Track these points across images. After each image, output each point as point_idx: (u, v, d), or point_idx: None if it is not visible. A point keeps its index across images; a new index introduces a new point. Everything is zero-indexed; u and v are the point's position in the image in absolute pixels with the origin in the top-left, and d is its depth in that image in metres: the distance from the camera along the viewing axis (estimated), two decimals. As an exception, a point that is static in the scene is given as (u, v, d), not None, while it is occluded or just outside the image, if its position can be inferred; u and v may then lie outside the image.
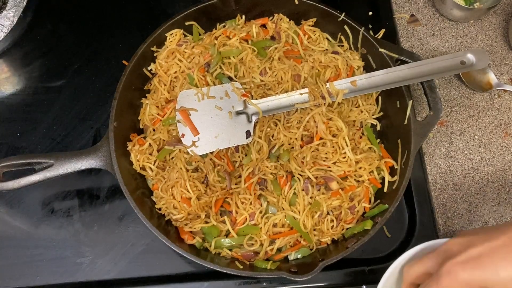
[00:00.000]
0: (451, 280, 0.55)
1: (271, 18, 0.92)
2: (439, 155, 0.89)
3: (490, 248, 0.54)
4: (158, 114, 0.84)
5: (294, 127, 0.81)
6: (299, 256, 0.77)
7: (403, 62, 0.83)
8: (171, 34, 0.88)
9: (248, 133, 0.80)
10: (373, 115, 0.87)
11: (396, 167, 0.80)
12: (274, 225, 0.78)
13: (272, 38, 0.90)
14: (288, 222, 0.77)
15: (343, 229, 0.79)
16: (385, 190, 0.80)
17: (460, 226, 0.84)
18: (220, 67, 0.85)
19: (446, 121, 0.92)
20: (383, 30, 0.94)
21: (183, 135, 0.80)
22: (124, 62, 0.86)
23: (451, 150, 0.90)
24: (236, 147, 0.81)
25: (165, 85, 0.86)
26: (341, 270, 0.80)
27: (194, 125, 0.80)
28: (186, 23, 0.88)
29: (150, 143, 0.82)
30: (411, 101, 0.80)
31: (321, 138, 0.80)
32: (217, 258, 0.76)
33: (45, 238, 0.84)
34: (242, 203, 0.78)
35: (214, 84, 0.85)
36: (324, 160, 0.79)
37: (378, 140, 0.85)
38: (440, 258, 0.58)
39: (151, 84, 0.88)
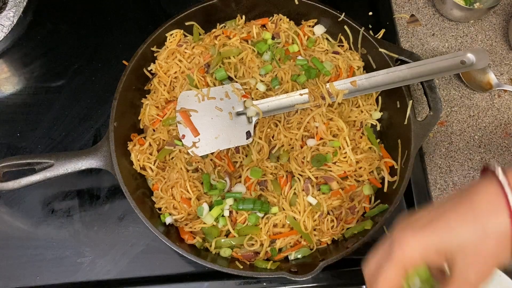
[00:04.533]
0: (403, 250, 0.49)
1: (271, 18, 0.92)
2: (439, 155, 0.89)
3: (439, 213, 0.50)
4: (157, 114, 0.84)
5: (295, 127, 0.81)
6: (299, 256, 0.77)
7: (403, 62, 0.84)
8: (171, 34, 0.88)
9: (248, 134, 0.81)
10: (371, 114, 0.87)
11: (396, 167, 0.80)
12: (275, 225, 0.78)
13: (272, 38, 0.90)
14: (288, 222, 0.77)
15: (343, 229, 0.79)
16: (385, 190, 0.80)
17: (460, 226, 0.84)
18: (220, 67, 0.85)
19: (446, 121, 0.92)
20: (383, 30, 0.94)
21: (183, 136, 0.80)
22: (124, 62, 0.86)
23: (451, 150, 0.90)
24: (237, 148, 0.81)
25: (165, 85, 0.86)
26: (341, 270, 0.80)
27: (195, 126, 0.81)
28: (186, 23, 0.88)
29: (150, 143, 0.82)
30: (411, 101, 0.80)
31: (321, 139, 0.80)
32: (217, 258, 0.76)
33: (45, 238, 0.84)
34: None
35: (214, 85, 0.85)
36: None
37: (378, 140, 0.85)
38: (388, 243, 0.53)
39: (151, 85, 0.88)
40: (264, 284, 0.79)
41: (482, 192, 0.49)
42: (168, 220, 0.78)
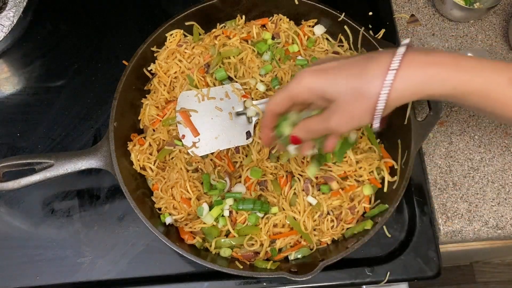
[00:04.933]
0: (297, 83, 0.58)
1: (271, 18, 0.92)
2: (439, 155, 0.89)
3: (340, 64, 0.57)
4: (157, 114, 0.84)
5: (294, 127, 0.81)
6: (299, 256, 0.77)
7: (403, 62, 0.83)
8: (171, 35, 0.88)
9: (248, 134, 0.81)
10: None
11: (396, 167, 0.80)
12: (275, 225, 0.78)
13: (272, 38, 0.90)
14: (288, 222, 0.77)
15: (343, 229, 0.79)
16: (385, 190, 0.80)
17: (460, 226, 0.84)
18: (220, 67, 0.85)
19: (446, 121, 0.92)
20: (383, 30, 0.94)
21: (183, 136, 0.80)
22: (124, 62, 0.86)
23: (451, 150, 0.90)
24: (237, 148, 0.81)
25: (165, 85, 0.86)
26: (341, 270, 0.80)
27: (195, 126, 0.81)
28: (186, 23, 0.88)
29: (150, 143, 0.82)
30: (411, 101, 0.80)
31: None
32: (217, 258, 0.76)
33: (45, 238, 0.84)
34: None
35: (214, 85, 0.85)
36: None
37: (378, 140, 0.85)
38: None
39: (151, 85, 0.88)
40: (264, 284, 0.79)
41: (378, 59, 0.55)
42: (168, 220, 0.78)
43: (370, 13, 1.00)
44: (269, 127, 0.65)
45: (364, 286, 0.81)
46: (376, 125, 0.57)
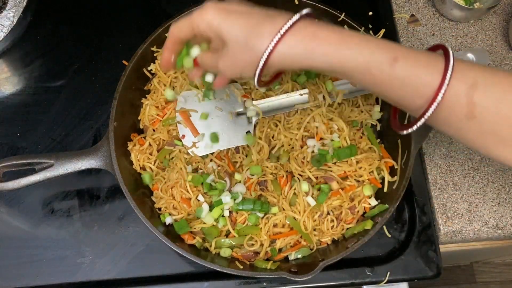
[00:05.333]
0: (200, 14, 0.58)
1: (271, 18, 0.92)
2: (439, 155, 0.89)
3: (244, 10, 0.57)
4: (157, 115, 0.84)
5: (295, 128, 0.81)
6: (299, 256, 0.77)
7: (403, 62, 0.83)
8: (171, 34, 0.88)
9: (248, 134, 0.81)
10: (371, 114, 0.87)
11: (396, 167, 0.80)
12: (275, 226, 0.78)
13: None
14: (288, 222, 0.77)
15: (343, 229, 0.79)
16: (385, 190, 0.80)
17: (460, 226, 0.84)
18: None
19: (446, 121, 0.92)
20: (383, 30, 0.94)
21: (183, 136, 0.80)
22: (124, 62, 0.86)
23: (451, 150, 0.90)
24: (237, 148, 0.81)
25: (165, 85, 0.86)
26: (341, 270, 0.80)
27: (195, 126, 0.81)
28: (186, 23, 0.88)
29: (150, 143, 0.82)
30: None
31: (321, 138, 0.80)
32: (217, 258, 0.76)
33: (45, 238, 0.84)
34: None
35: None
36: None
37: (378, 140, 0.85)
38: None
39: (151, 85, 0.88)
40: (264, 284, 0.79)
41: (274, 20, 0.55)
42: (168, 220, 0.78)
43: (370, 13, 1.00)
44: (169, 49, 0.65)
45: (364, 286, 0.81)
46: (255, 82, 0.58)
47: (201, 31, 0.59)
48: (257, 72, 0.56)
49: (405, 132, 0.58)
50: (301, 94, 0.81)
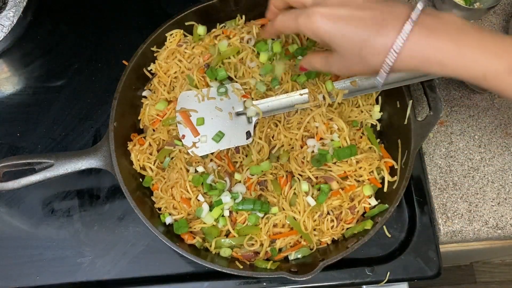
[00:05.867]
0: (306, 24, 0.56)
1: (271, 18, 0.92)
2: (439, 155, 0.89)
3: (353, 14, 0.55)
4: (157, 115, 0.84)
5: (295, 127, 0.81)
6: (299, 256, 0.77)
7: (403, 62, 0.83)
8: (171, 35, 0.88)
9: (248, 134, 0.81)
10: (371, 114, 0.87)
11: (396, 167, 0.80)
12: (275, 225, 0.78)
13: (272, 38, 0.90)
14: (288, 222, 0.77)
15: (343, 229, 0.79)
16: (385, 190, 0.80)
17: (460, 226, 0.84)
18: (220, 67, 0.85)
19: (446, 121, 0.92)
20: (383, 30, 0.94)
21: (183, 136, 0.80)
22: (124, 62, 0.86)
23: (451, 150, 0.90)
24: (237, 148, 0.81)
25: (165, 85, 0.86)
26: (341, 270, 0.80)
27: (195, 126, 0.81)
28: (186, 23, 0.88)
29: (150, 143, 0.82)
30: (411, 101, 0.80)
31: (321, 138, 0.80)
32: (217, 258, 0.76)
33: (45, 238, 0.84)
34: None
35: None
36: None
37: (378, 140, 0.85)
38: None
39: (151, 85, 0.88)
40: (264, 284, 0.79)
41: (394, 12, 0.54)
42: (168, 220, 0.78)
43: (370, 13, 1.00)
44: (272, 33, 0.68)
45: (364, 286, 0.81)
46: (381, 80, 0.57)
47: (309, 37, 0.60)
48: (387, 69, 0.55)
49: None
50: (301, 94, 0.81)
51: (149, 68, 0.88)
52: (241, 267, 0.74)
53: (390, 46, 0.53)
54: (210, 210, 0.77)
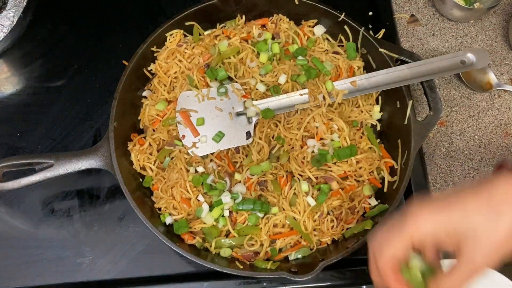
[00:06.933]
0: (418, 225, 0.50)
1: (271, 18, 0.92)
2: (439, 155, 0.89)
3: (457, 198, 0.52)
4: (157, 115, 0.84)
5: (295, 128, 0.81)
6: (299, 256, 0.77)
7: (403, 62, 0.84)
8: (171, 35, 0.88)
9: (248, 134, 0.81)
10: (371, 114, 0.87)
11: (396, 167, 0.80)
12: (275, 226, 0.78)
13: (272, 38, 0.90)
14: (288, 222, 0.77)
15: (343, 229, 0.79)
16: (385, 190, 0.80)
17: (460, 226, 0.84)
18: (220, 67, 0.85)
19: (446, 121, 0.92)
20: (383, 30, 0.94)
21: (183, 136, 0.80)
22: (124, 62, 0.86)
23: (451, 150, 0.90)
24: (237, 148, 0.81)
25: (165, 85, 0.86)
26: (341, 270, 0.80)
27: (195, 126, 0.81)
28: (186, 24, 0.88)
29: (150, 143, 0.82)
30: (411, 101, 0.80)
31: (321, 139, 0.80)
32: (217, 258, 0.76)
33: (45, 238, 0.84)
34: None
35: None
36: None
37: (378, 140, 0.85)
38: (400, 218, 0.53)
39: (151, 85, 0.88)
40: (264, 284, 0.79)
41: (500, 185, 0.51)
42: (168, 220, 0.78)
43: (370, 13, 1.00)
44: (397, 280, 0.53)
45: (364, 286, 0.81)
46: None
47: (420, 243, 0.51)
48: None
49: None
50: (301, 94, 0.81)
51: (149, 68, 0.88)
52: (241, 267, 0.74)
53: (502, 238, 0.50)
54: (210, 210, 0.77)
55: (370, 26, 0.96)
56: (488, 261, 0.51)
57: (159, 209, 0.80)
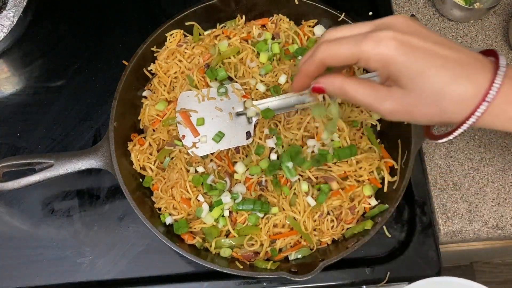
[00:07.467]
0: (374, 47, 0.47)
1: (271, 18, 0.92)
2: (439, 155, 0.89)
3: (434, 48, 0.47)
4: (157, 115, 0.84)
5: (295, 128, 0.81)
6: (299, 256, 0.77)
7: (403, 62, 0.83)
8: (171, 35, 0.88)
9: (248, 134, 0.81)
10: (371, 114, 0.87)
11: (396, 167, 0.80)
12: (275, 226, 0.78)
13: (272, 38, 0.90)
14: (288, 222, 0.77)
15: (343, 229, 0.79)
16: (385, 190, 0.80)
17: (460, 226, 0.84)
18: (220, 67, 0.85)
19: (446, 121, 0.92)
20: (383, 30, 0.94)
21: (183, 136, 0.80)
22: (124, 62, 0.86)
23: (451, 150, 0.90)
24: (237, 148, 0.81)
25: (165, 85, 0.86)
26: (341, 270, 0.80)
27: (195, 126, 0.81)
28: (186, 24, 0.88)
29: (150, 143, 0.82)
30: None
31: (321, 139, 0.80)
32: (217, 258, 0.76)
33: (45, 238, 0.84)
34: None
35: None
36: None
37: (378, 140, 0.85)
38: (375, 25, 0.49)
39: (151, 85, 0.88)
40: (264, 284, 0.79)
41: (479, 59, 0.48)
42: (168, 220, 0.78)
43: (370, 13, 1.00)
44: (310, 76, 0.52)
45: (364, 286, 0.81)
46: (456, 134, 0.49)
47: (368, 65, 0.48)
48: (474, 120, 0.47)
49: (444, 139, 0.52)
50: (301, 94, 0.81)
51: (149, 68, 0.88)
52: (241, 267, 0.74)
53: (483, 95, 0.45)
54: (210, 210, 0.77)
55: (370, 26, 0.96)
56: (389, 114, 0.50)
57: (159, 209, 0.80)
